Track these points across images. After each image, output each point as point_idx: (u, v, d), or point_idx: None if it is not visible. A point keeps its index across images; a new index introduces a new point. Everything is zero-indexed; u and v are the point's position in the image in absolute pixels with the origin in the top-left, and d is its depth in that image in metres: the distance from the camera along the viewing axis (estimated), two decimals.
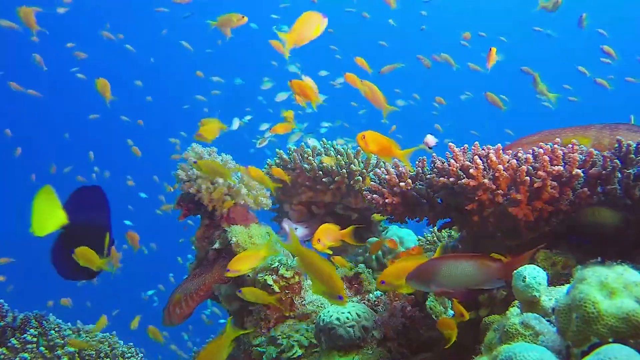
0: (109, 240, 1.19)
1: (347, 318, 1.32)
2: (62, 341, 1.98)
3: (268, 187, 1.75)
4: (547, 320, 0.76)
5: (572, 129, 1.34)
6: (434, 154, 1.31)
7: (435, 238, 1.84)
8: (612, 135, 1.27)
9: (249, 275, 1.61)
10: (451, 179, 1.18)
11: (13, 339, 1.93)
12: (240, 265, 1.35)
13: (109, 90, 2.36)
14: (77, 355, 2.01)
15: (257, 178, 1.67)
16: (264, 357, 1.46)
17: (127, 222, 6.29)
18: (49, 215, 1.09)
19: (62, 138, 8.97)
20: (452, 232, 1.80)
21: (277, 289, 1.51)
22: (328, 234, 1.43)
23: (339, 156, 1.85)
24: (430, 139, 1.49)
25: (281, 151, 1.97)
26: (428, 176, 1.28)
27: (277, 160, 1.97)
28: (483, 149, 1.18)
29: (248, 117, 4.64)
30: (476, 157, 1.15)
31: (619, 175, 1.03)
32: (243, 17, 1.79)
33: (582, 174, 1.06)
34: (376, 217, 1.63)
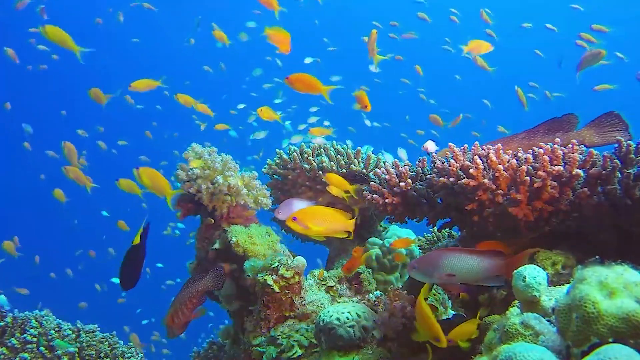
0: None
1: (347, 318, 1.32)
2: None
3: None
4: (547, 320, 0.76)
5: (498, 141, 1.34)
6: (434, 154, 1.32)
7: (435, 238, 1.84)
8: (530, 144, 1.26)
9: (249, 275, 1.61)
10: (451, 179, 1.18)
11: (13, 339, 1.93)
12: None
13: None
14: (77, 355, 2.01)
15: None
16: (264, 357, 1.46)
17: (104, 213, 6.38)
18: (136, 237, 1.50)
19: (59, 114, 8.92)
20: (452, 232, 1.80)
21: (277, 289, 1.51)
22: (315, 218, 1.32)
23: (339, 156, 1.85)
24: (431, 145, 1.48)
25: (281, 151, 1.97)
26: (428, 176, 1.28)
27: (277, 160, 1.97)
28: (483, 149, 1.18)
29: (241, 106, 4.66)
30: (476, 157, 1.15)
31: (619, 175, 1.03)
32: (288, 49, 1.71)
33: (582, 174, 1.06)
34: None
